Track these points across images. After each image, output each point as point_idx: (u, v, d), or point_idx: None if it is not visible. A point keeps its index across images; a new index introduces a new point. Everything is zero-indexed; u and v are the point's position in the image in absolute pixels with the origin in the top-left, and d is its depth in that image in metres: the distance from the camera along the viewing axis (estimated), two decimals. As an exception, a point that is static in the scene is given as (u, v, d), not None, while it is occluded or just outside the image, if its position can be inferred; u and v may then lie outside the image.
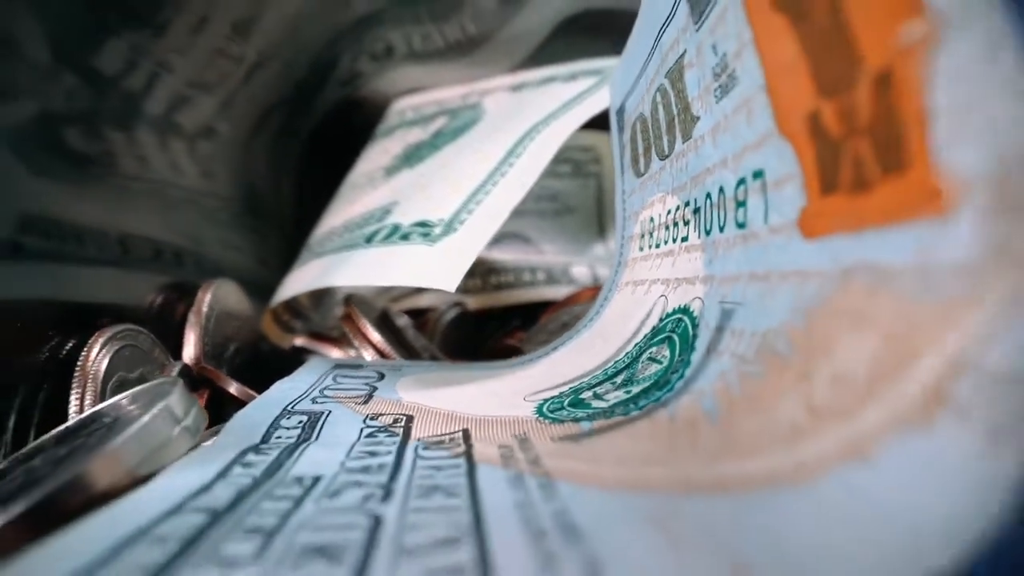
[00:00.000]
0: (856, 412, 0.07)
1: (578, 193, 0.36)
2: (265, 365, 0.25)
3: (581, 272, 0.31)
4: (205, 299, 0.21)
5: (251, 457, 0.11)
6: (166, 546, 0.07)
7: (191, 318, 0.21)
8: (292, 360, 0.25)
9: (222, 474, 0.10)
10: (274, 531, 0.07)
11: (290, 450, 0.11)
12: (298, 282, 0.24)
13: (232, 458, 0.11)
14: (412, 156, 0.27)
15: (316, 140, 0.37)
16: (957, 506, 0.06)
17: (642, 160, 0.18)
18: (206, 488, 0.09)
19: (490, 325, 0.31)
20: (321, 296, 0.31)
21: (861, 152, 0.08)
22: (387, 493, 0.09)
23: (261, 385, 0.19)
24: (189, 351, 0.20)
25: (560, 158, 0.34)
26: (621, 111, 0.20)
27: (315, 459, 0.11)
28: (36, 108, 0.22)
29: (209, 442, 0.12)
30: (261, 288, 0.28)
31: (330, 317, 0.31)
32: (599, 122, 0.23)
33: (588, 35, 0.31)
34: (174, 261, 0.27)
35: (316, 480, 0.09)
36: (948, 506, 0.06)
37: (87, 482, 0.10)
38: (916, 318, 0.07)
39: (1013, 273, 0.06)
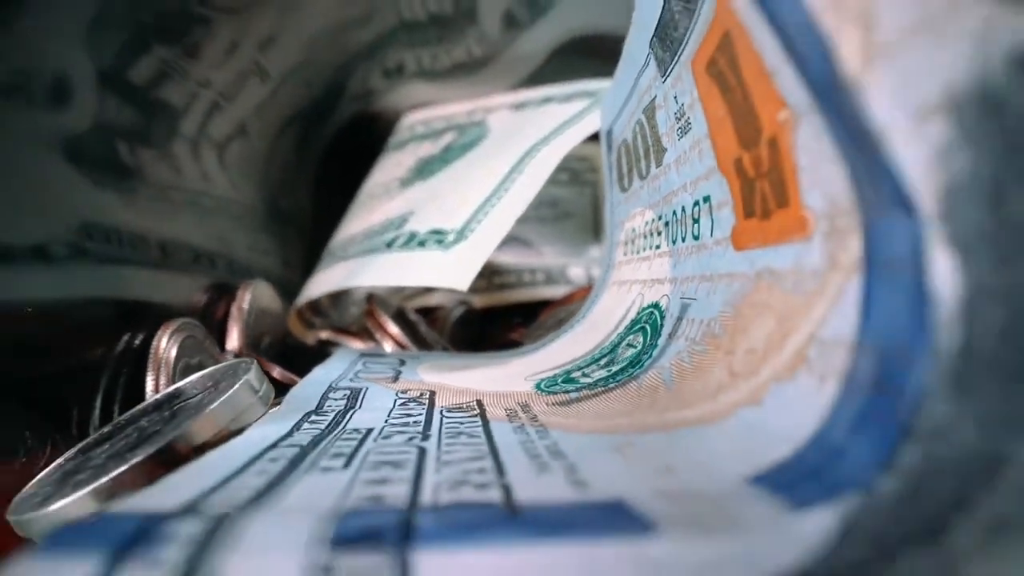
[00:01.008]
0: (757, 373, 0.11)
1: (576, 200, 0.40)
2: (292, 357, 0.29)
3: (577, 273, 0.35)
4: (246, 297, 0.25)
5: (313, 418, 0.14)
6: (277, 464, 0.10)
7: (234, 313, 0.25)
8: (316, 353, 0.28)
9: (296, 427, 0.13)
10: (351, 454, 0.11)
11: (342, 414, 0.15)
12: (324, 283, 0.27)
13: (298, 419, 0.14)
14: (424, 170, 0.30)
15: (331, 151, 0.40)
16: (801, 422, 0.09)
17: (626, 178, 0.21)
18: (289, 435, 0.12)
19: (494, 322, 0.35)
20: (339, 296, 0.34)
21: (765, 191, 0.11)
22: (425, 436, 0.12)
23: (294, 373, 0.22)
24: (233, 342, 0.24)
25: (559, 167, 0.37)
26: (610, 133, 0.24)
27: (363, 419, 0.14)
28: (91, 123, 0.25)
29: (274, 410, 0.15)
30: (285, 288, 0.32)
31: (347, 315, 0.34)
32: (594, 135, 0.26)
33: (582, 56, 0.34)
34: (209, 263, 0.30)
35: (369, 431, 0.13)
36: (796, 424, 0.09)
37: (192, 435, 0.13)
38: (792, 306, 0.10)
39: (838, 276, 0.09)
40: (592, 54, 0.33)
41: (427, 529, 0.07)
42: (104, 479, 0.12)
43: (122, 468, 0.12)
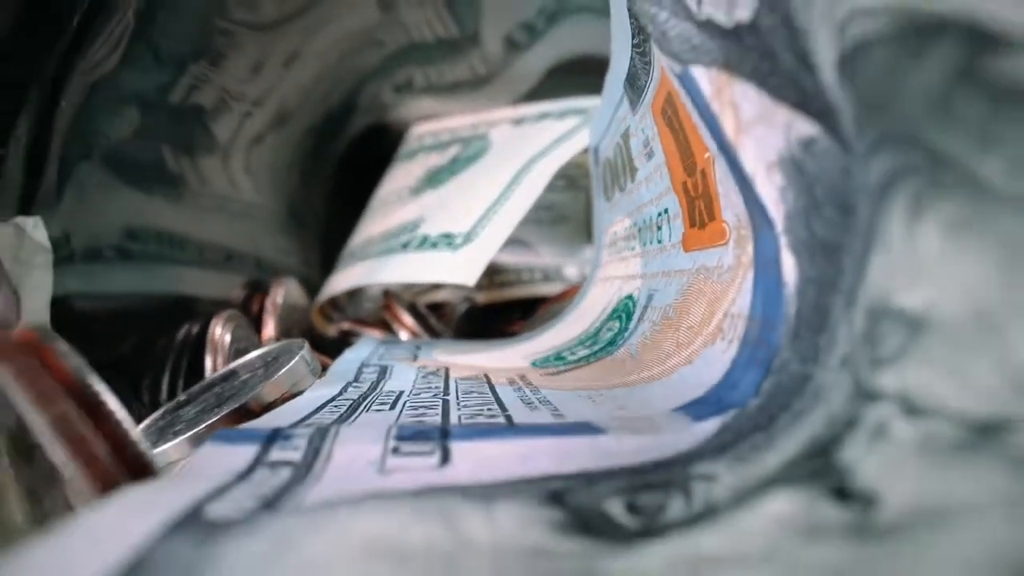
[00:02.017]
0: (693, 342, 0.15)
1: (571, 204, 0.44)
2: (316, 346, 0.33)
3: (572, 272, 0.39)
4: (279, 293, 0.29)
5: (354, 385, 0.18)
6: (340, 408, 0.14)
7: (268, 307, 0.29)
8: (338, 343, 0.33)
9: (343, 390, 0.17)
10: (394, 403, 0.15)
11: (376, 383, 0.19)
12: (346, 280, 0.31)
13: (343, 386, 0.18)
14: (433, 179, 0.34)
15: (345, 160, 0.44)
16: (714, 373, 0.13)
17: (610, 189, 0.26)
18: (340, 394, 0.17)
19: (496, 316, 0.39)
20: (355, 293, 0.38)
21: (701, 208, 0.15)
22: (445, 393, 0.16)
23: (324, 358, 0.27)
24: (269, 331, 0.28)
25: (557, 174, 0.42)
26: (596, 150, 0.28)
27: (394, 385, 0.18)
28: (136, 134, 0.29)
29: (319, 380, 0.19)
30: (306, 285, 0.36)
31: (361, 310, 0.38)
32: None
33: (574, 75, 0.38)
34: (239, 262, 0.34)
35: (401, 392, 0.17)
36: (711, 374, 0.13)
37: (263, 396, 0.17)
38: (716, 293, 0.14)
39: (742, 270, 0.13)
40: (583, 73, 0.37)
41: (456, 432, 0.11)
42: (200, 427, 0.16)
43: (213, 419, 0.16)
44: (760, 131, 0.10)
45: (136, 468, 0.09)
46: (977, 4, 0.06)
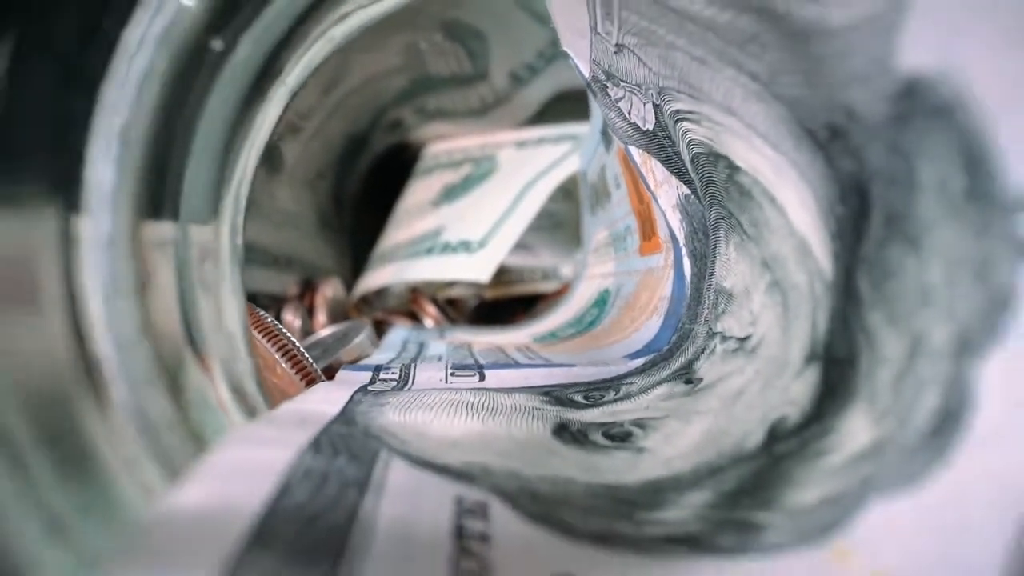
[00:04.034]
0: (640, 317, 0.23)
1: (567, 213, 0.51)
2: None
3: (566, 271, 0.47)
4: (328, 288, 0.37)
5: (403, 354, 0.26)
6: (403, 363, 0.22)
7: (319, 301, 0.37)
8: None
9: (398, 355, 0.25)
10: (438, 360, 0.23)
11: (418, 352, 0.27)
12: (379, 278, 0.39)
13: (396, 352, 0.26)
14: (450, 194, 0.42)
15: (368, 175, 0.52)
16: (650, 333, 0.21)
17: (594, 206, 0.34)
18: (398, 355, 0.25)
19: (502, 311, 0.47)
20: (382, 290, 0.46)
21: (647, 227, 0.23)
22: (471, 355, 0.24)
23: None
24: (321, 318, 0.36)
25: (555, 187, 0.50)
26: (585, 173, 0.36)
27: (432, 352, 0.26)
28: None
29: (376, 350, 0.27)
30: (341, 283, 0.44)
31: (387, 304, 0.46)
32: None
33: (570, 102, 0.46)
34: (286, 264, 0.42)
35: (440, 355, 0.25)
36: (648, 335, 0.21)
37: (341, 358, 0.25)
38: (655, 284, 0.22)
39: (668, 269, 0.21)
40: (575, 101, 0.45)
41: (486, 365, 0.19)
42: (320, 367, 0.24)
43: (322, 364, 0.24)
44: (665, 187, 0.18)
45: (312, 379, 0.17)
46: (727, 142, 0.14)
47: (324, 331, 0.29)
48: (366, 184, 0.53)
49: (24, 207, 0.07)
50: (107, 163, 0.08)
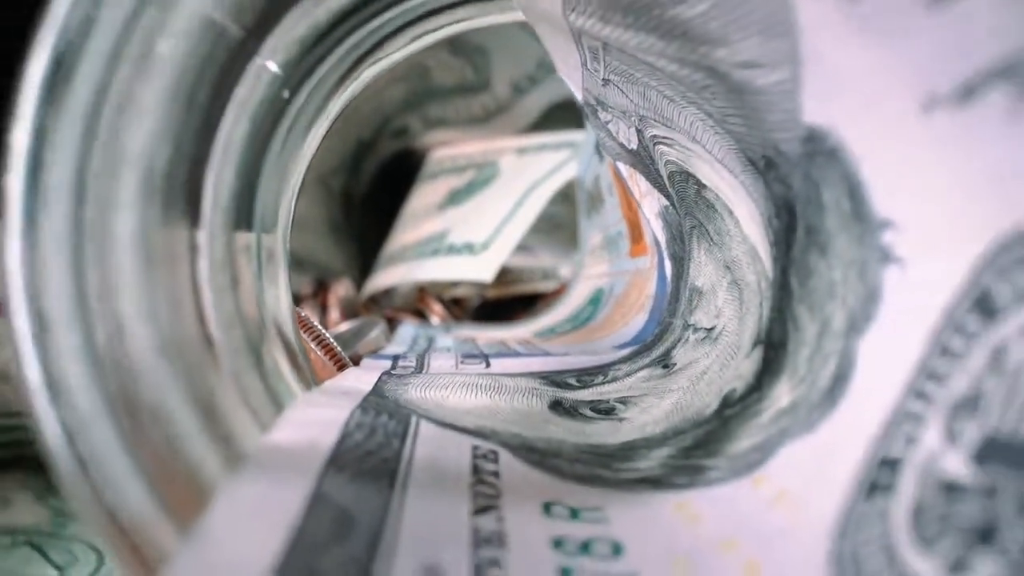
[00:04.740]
0: (629, 313, 0.26)
1: (566, 215, 0.54)
2: (362, 331, 0.43)
3: (565, 271, 0.50)
4: (340, 288, 0.40)
5: (414, 347, 0.29)
6: (417, 353, 0.25)
7: (331, 299, 0.39)
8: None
9: (410, 348, 0.28)
10: (447, 351, 0.26)
11: (427, 346, 0.29)
12: (388, 278, 0.42)
13: (408, 346, 0.29)
14: (454, 199, 0.45)
15: (376, 179, 0.55)
16: (636, 327, 0.24)
17: (590, 211, 0.36)
18: (410, 348, 0.27)
19: (503, 309, 0.50)
20: (389, 290, 0.49)
21: (636, 232, 0.26)
22: (478, 348, 0.27)
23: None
24: (334, 316, 0.39)
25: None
26: (582, 180, 0.39)
27: (441, 345, 0.29)
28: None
29: (390, 343, 0.30)
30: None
31: (393, 302, 0.49)
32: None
33: (571, 110, 0.49)
34: (300, 264, 0.45)
35: (449, 347, 0.28)
36: (635, 329, 0.24)
37: (359, 351, 0.28)
38: (642, 283, 0.25)
39: (653, 270, 0.24)
40: (573, 110, 0.48)
41: (491, 354, 0.22)
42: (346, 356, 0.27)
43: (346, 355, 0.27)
44: (648, 198, 0.21)
45: (342, 364, 0.20)
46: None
47: (342, 326, 0.32)
48: (373, 188, 0.55)
49: (172, 225, 0.09)
50: (214, 190, 0.11)
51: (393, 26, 0.15)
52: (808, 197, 0.12)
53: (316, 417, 0.11)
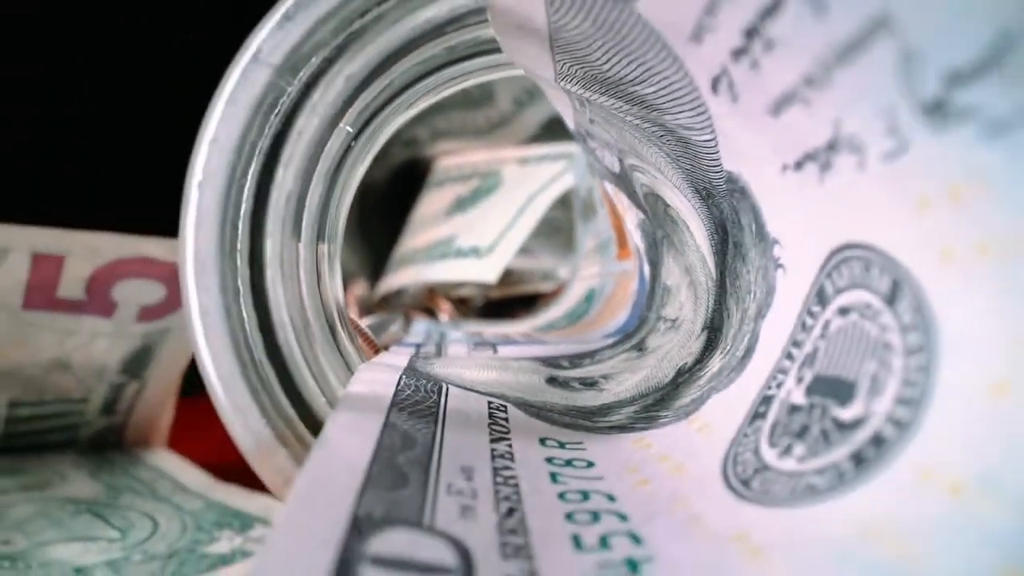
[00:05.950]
0: (618, 309, 0.31)
1: (564, 220, 0.59)
2: (376, 328, 0.48)
3: (563, 273, 0.54)
4: (356, 287, 0.44)
5: (429, 340, 0.34)
6: (434, 343, 0.30)
7: (349, 298, 0.44)
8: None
9: (424, 340, 0.33)
10: (465, 339, 0.31)
11: (441, 339, 0.34)
12: (399, 279, 0.47)
13: (424, 338, 0.34)
14: (460, 206, 0.50)
15: (386, 186, 0.60)
16: (622, 319, 0.29)
17: (585, 218, 0.41)
18: (427, 339, 0.32)
19: (505, 308, 0.54)
20: (400, 291, 0.54)
21: (622, 238, 0.31)
22: (485, 339, 0.32)
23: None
24: (352, 313, 0.44)
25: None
26: (578, 190, 0.43)
27: (454, 338, 0.34)
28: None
29: (407, 336, 0.35)
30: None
31: (402, 302, 0.54)
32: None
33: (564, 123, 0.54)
34: (317, 267, 0.50)
35: (461, 339, 0.33)
36: (622, 320, 0.29)
37: (383, 341, 0.33)
38: (627, 283, 0.30)
39: (635, 273, 0.29)
40: (573, 123, 0.53)
41: (498, 343, 0.27)
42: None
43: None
44: (630, 212, 0.26)
45: (376, 349, 0.25)
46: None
47: (364, 320, 0.36)
48: (384, 194, 0.60)
49: (290, 243, 0.14)
50: (308, 213, 0.15)
51: (430, 86, 0.20)
52: (733, 220, 0.17)
53: (377, 377, 0.16)
